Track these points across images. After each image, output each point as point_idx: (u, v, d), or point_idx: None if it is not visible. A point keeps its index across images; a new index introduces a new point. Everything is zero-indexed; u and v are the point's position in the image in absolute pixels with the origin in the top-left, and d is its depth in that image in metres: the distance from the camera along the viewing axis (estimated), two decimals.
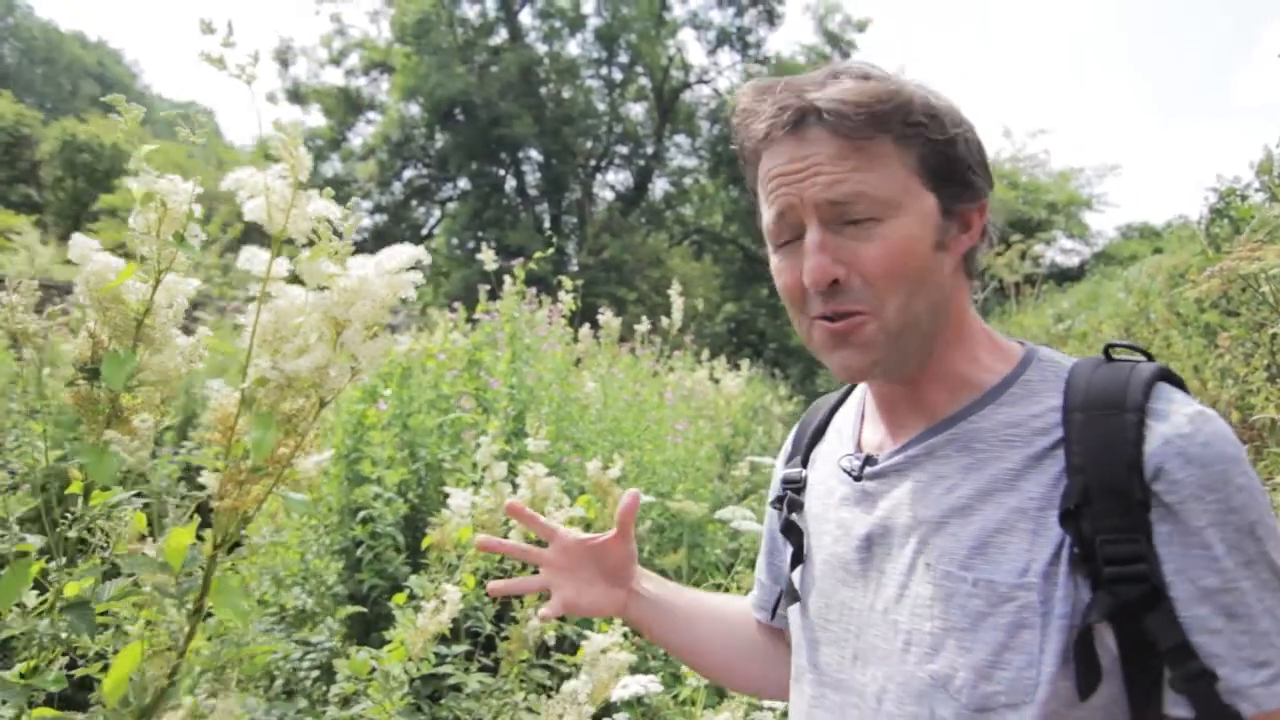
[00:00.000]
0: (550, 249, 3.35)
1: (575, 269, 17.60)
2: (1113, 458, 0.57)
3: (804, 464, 0.82)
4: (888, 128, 0.62)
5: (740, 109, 0.67)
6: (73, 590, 0.74)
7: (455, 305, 3.78)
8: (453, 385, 3.21)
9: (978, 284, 0.74)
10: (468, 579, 1.87)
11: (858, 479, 0.71)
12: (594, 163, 22.28)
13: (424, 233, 22.34)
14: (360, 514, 2.57)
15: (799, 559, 0.78)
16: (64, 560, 0.74)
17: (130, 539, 0.83)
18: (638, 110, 22.73)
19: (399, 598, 1.86)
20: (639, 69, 21.85)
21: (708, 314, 15.27)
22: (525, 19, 21.46)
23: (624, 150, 22.79)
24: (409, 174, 21.63)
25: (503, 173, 21.27)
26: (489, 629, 1.97)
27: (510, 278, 3.58)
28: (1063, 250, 18.36)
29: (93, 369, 0.71)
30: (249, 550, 2.20)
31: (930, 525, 0.64)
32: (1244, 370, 2.33)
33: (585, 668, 1.37)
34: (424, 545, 1.95)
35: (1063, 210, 17.74)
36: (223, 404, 0.69)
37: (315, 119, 21.85)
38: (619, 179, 23.41)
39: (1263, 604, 0.55)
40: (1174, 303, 3.42)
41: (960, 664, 0.60)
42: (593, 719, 1.53)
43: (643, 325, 4.89)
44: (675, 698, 1.92)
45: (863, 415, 0.77)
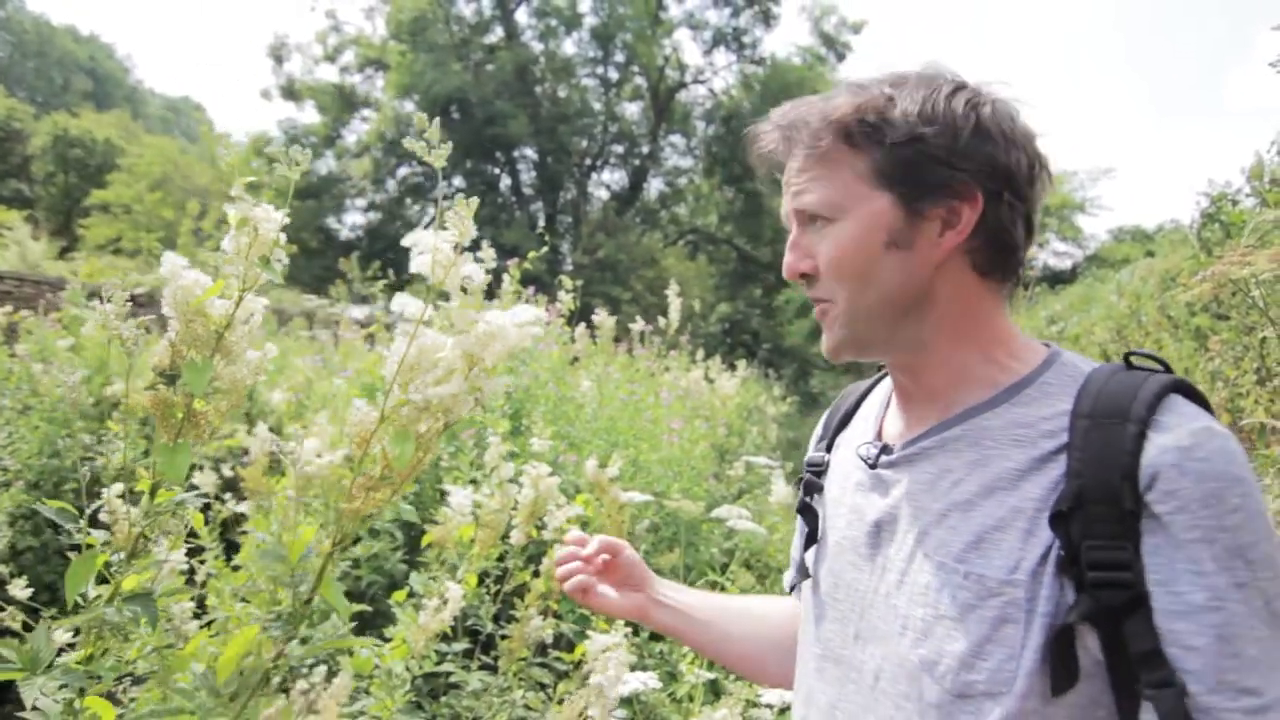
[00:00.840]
0: (546, 248, 3.37)
1: (570, 268, 17.61)
2: (1109, 466, 0.58)
3: (828, 448, 0.86)
4: (841, 138, 0.68)
5: (754, 134, 0.76)
6: (131, 583, 0.80)
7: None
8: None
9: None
10: (469, 578, 1.89)
11: (873, 466, 0.75)
12: (589, 162, 22.29)
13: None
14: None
15: (813, 539, 0.82)
16: (124, 555, 0.80)
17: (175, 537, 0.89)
18: (633, 110, 22.76)
19: (399, 595, 1.88)
20: (635, 68, 21.86)
21: (702, 314, 15.31)
22: (521, 17, 21.46)
23: (619, 150, 22.80)
24: (403, 172, 21.57)
25: (498, 171, 21.27)
26: (489, 627, 1.98)
27: (506, 277, 3.59)
28: (1055, 253, 18.49)
29: (171, 375, 0.78)
30: (250, 546, 2.20)
31: (933, 516, 0.67)
32: (1234, 373, 2.36)
33: (598, 665, 1.40)
34: (424, 543, 1.97)
35: (1055, 213, 17.85)
36: (363, 420, 0.79)
37: (309, 116, 21.82)
38: (614, 178, 23.45)
39: (1253, 632, 0.55)
40: (1165, 306, 3.45)
41: (946, 651, 0.62)
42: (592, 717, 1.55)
43: (638, 325, 4.91)
44: (672, 695, 1.94)
45: (887, 405, 0.80)
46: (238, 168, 0.80)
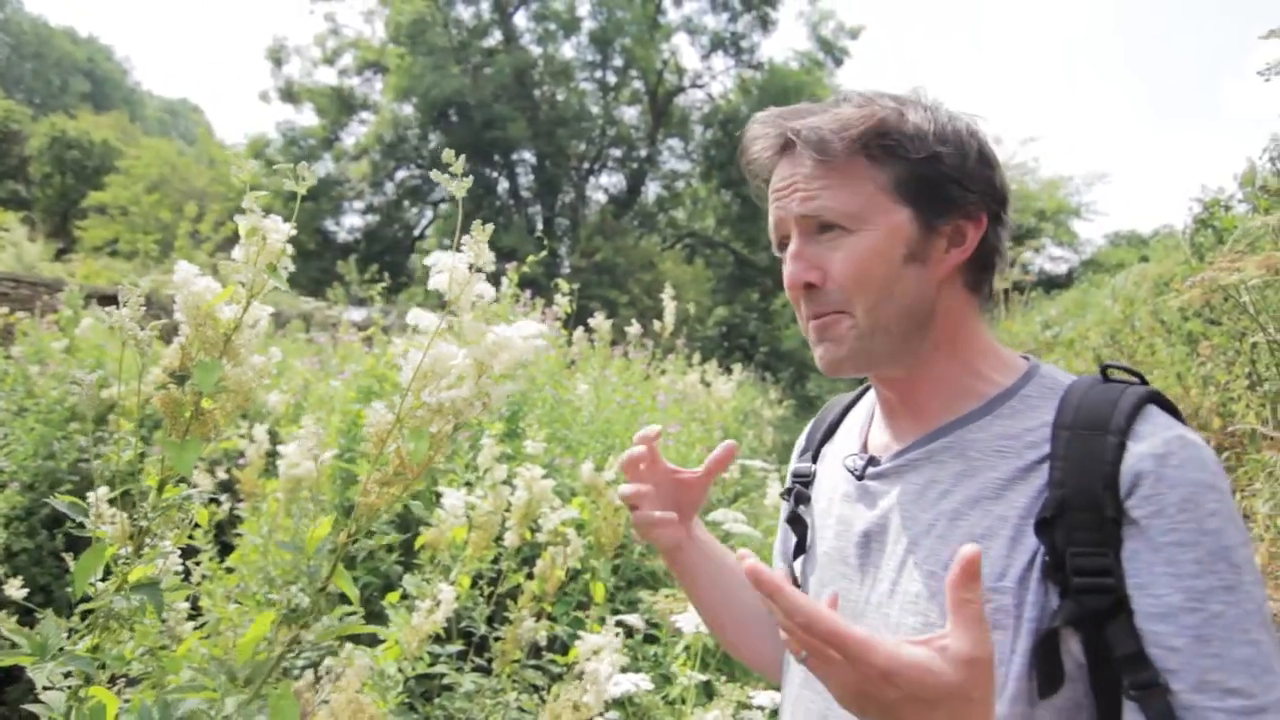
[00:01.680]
0: (545, 252, 3.38)
1: (568, 271, 17.62)
2: (1090, 475, 0.61)
3: (814, 459, 0.87)
4: (859, 149, 0.69)
5: (746, 135, 0.75)
6: (137, 574, 0.85)
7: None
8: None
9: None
10: (463, 580, 1.89)
11: (860, 478, 0.76)
12: (587, 165, 22.31)
13: (416, 234, 22.31)
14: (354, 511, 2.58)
15: (801, 549, 0.83)
16: (131, 549, 0.85)
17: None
18: (631, 114, 22.79)
19: (392, 596, 1.88)
20: (633, 73, 21.90)
21: (699, 318, 15.32)
22: (520, 21, 21.50)
23: (617, 153, 22.83)
24: (401, 175, 21.59)
25: (496, 175, 21.28)
26: (483, 629, 1.99)
27: (505, 280, 3.60)
28: (1051, 258, 18.53)
29: (181, 376, 0.83)
30: (245, 548, 2.21)
31: (922, 526, 0.68)
32: (1225, 378, 2.38)
33: (590, 657, 1.42)
34: (418, 545, 1.97)
35: (1051, 218, 17.90)
36: (380, 421, 0.85)
37: (308, 118, 21.83)
38: (612, 182, 23.47)
39: (1246, 635, 0.56)
40: (1158, 311, 3.47)
41: None
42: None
43: (635, 328, 4.92)
44: (665, 697, 1.94)
45: (872, 417, 0.81)
46: (249, 181, 0.84)
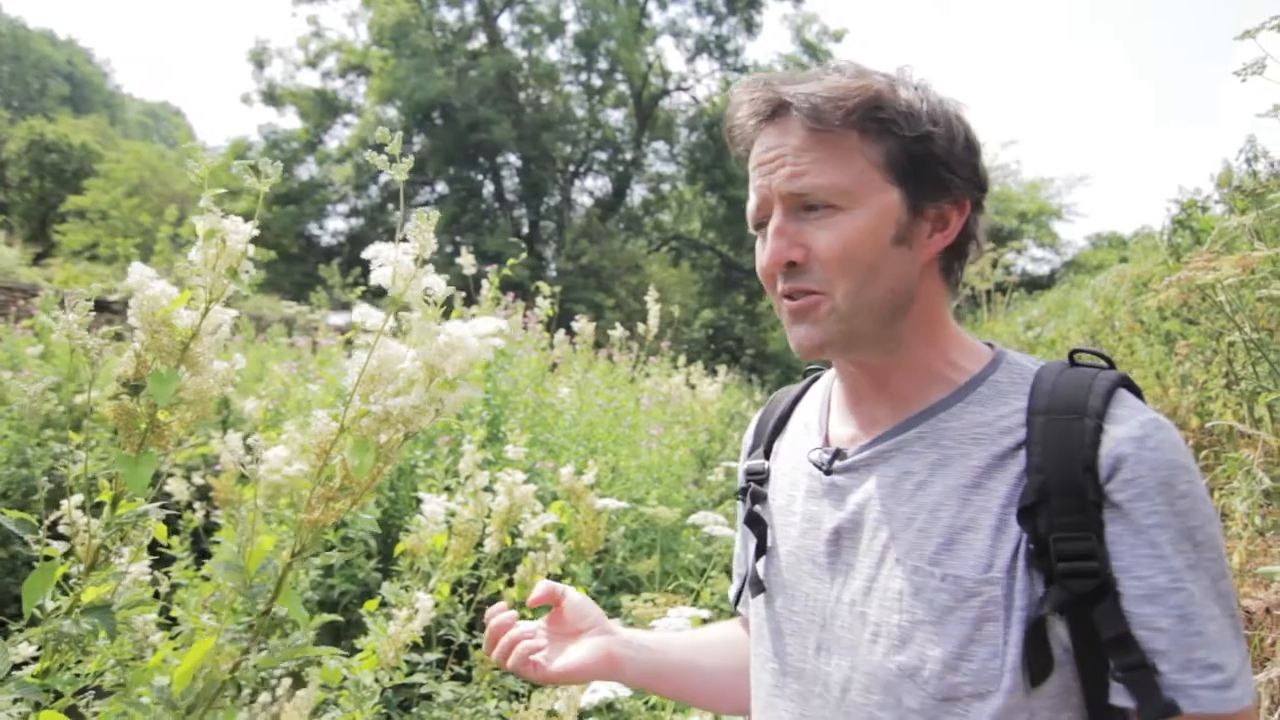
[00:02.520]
0: (524, 255, 3.36)
1: (553, 274, 17.59)
2: (1070, 459, 0.60)
3: (766, 455, 0.84)
4: (853, 122, 0.65)
5: (731, 99, 0.71)
6: (91, 595, 0.80)
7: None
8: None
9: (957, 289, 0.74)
10: (442, 587, 1.86)
11: (827, 473, 0.72)
12: (572, 168, 22.30)
13: (400, 237, 22.15)
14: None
15: (762, 550, 0.79)
16: (84, 567, 0.80)
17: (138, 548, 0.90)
18: (616, 116, 22.81)
19: (370, 605, 1.85)
20: (618, 75, 21.93)
21: (685, 320, 15.34)
22: (504, 24, 21.47)
23: (602, 156, 22.85)
24: (385, 177, 21.26)
25: (481, 177, 21.22)
26: (462, 637, 1.96)
27: (486, 283, 3.58)
28: (1033, 259, 18.70)
29: (135, 385, 0.78)
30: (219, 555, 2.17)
31: (900, 520, 0.66)
32: (1203, 377, 2.39)
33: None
34: (397, 552, 1.94)
35: (1033, 219, 18.06)
36: (322, 431, 0.80)
37: (291, 121, 21.69)
38: (597, 185, 23.48)
39: (1207, 610, 0.57)
40: (1137, 311, 3.50)
41: (929, 656, 0.62)
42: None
43: (618, 331, 4.90)
44: (645, 703, 1.93)
45: (828, 407, 0.78)
46: (207, 179, 0.80)
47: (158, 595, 1.95)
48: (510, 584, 1.96)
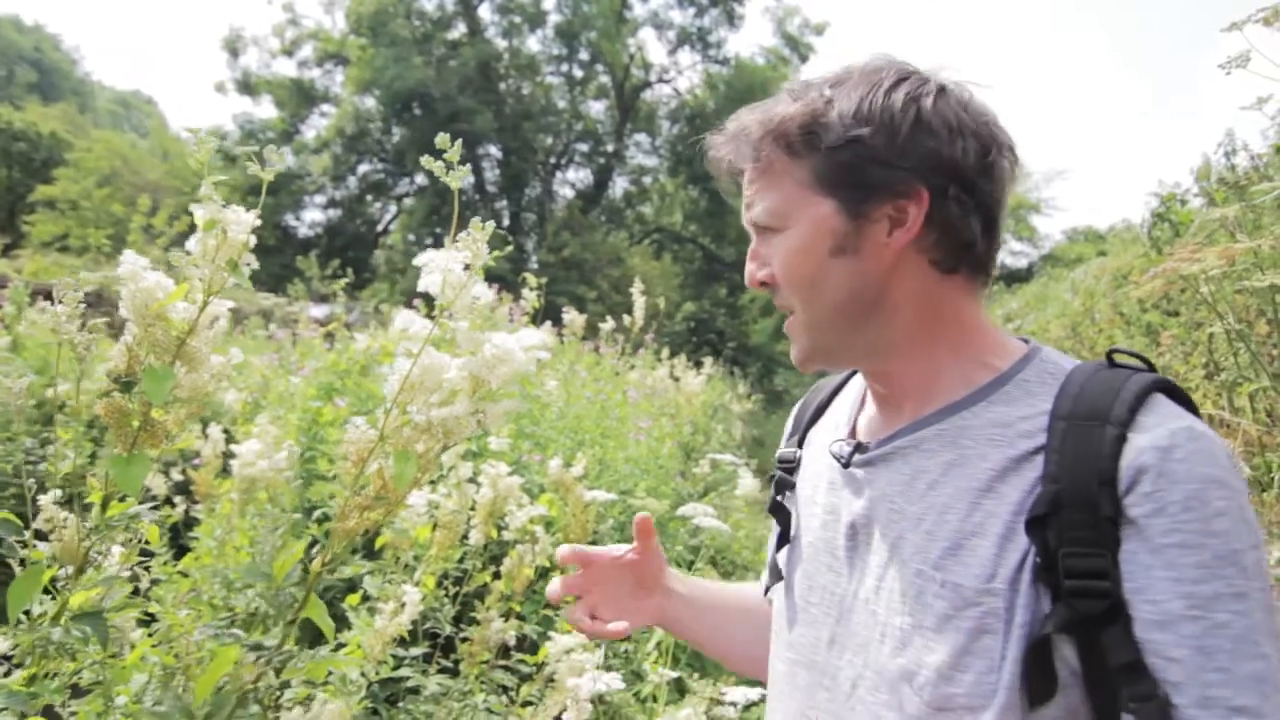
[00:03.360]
0: (509, 247, 3.32)
1: (535, 267, 17.49)
2: (1086, 469, 0.56)
3: (800, 444, 0.83)
4: (778, 147, 0.67)
5: (708, 151, 0.74)
6: (79, 600, 0.77)
7: (415, 302, 3.73)
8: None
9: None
10: (428, 580, 1.84)
11: (846, 465, 0.72)
12: (554, 160, 22.19)
13: (379, 228, 21.96)
14: (315, 512, 2.51)
15: (785, 539, 0.79)
16: (72, 570, 0.77)
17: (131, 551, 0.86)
18: (598, 108, 22.72)
19: (352, 599, 1.82)
20: (599, 67, 21.82)
21: (668, 313, 15.35)
22: (484, 13, 21.26)
23: (584, 148, 22.74)
24: (364, 168, 21.24)
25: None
26: (449, 630, 1.94)
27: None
28: (1012, 252, 18.93)
29: (127, 382, 0.75)
30: (200, 552, 2.13)
31: (909, 520, 0.64)
32: (1183, 368, 2.42)
33: (562, 658, 1.39)
34: (379, 545, 1.92)
35: (1012, 213, 18.27)
36: (360, 439, 0.79)
37: (266, 110, 21.38)
38: (579, 177, 23.38)
39: (1256, 648, 0.51)
40: (1118, 303, 3.54)
41: (925, 662, 0.60)
42: (555, 719, 1.52)
43: (607, 324, 4.89)
44: (637, 694, 1.92)
45: (863, 400, 0.77)
46: (206, 166, 0.77)
47: (136, 591, 1.91)
48: (497, 576, 1.94)
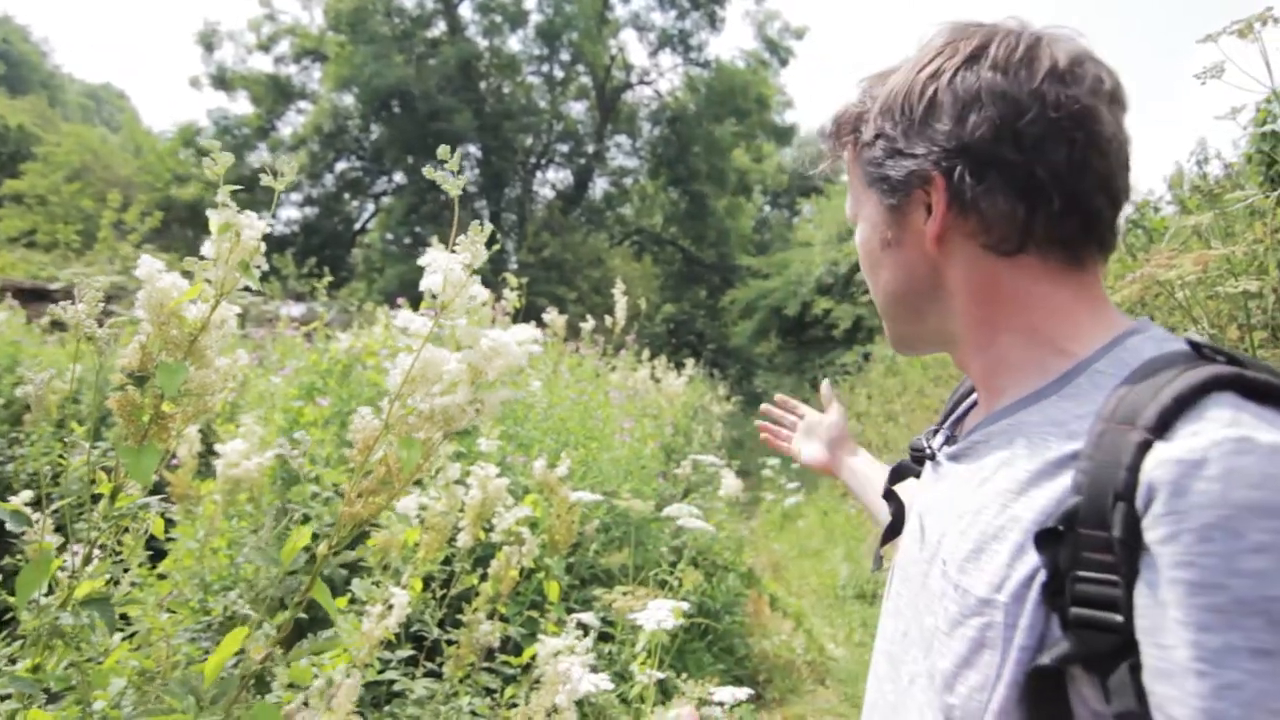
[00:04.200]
0: (496, 247, 3.30)
1: (515, 267, 17.42)
2: (1105, 481, 0.49)
3: (935, 434, 0.79)
4: (844, 144, 0.70)
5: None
6: (85, 589, 0.80)
7: (398, 301, 3.70)
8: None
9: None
10: (414, 583, 1.83)
11: (932, 458, 0.71)
12: (534, 160, 22.10)
13: (357, 227, 21.74)
14: (287, 516, 2.48)
15: (895, 528, 0.78)
16: (79, 561, 0.81)
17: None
18: (579, 109, 22.67)
19: (340, 602, 1.81)
20: (580, 67, 21.78)
21: (648, 314, 15.37)
22: (465, 12, 21.12)
23: (564, 148, 22.68)
24: (341, 166, 21.01)
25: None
26: (435, 633, 1.93)
27: None
28: None
29: (140, 377, 0.79)
30: (179, 553, 2.10)
31: (953, 517, 0.61)
32: None
33: (550, 660, 1.40)
34: (367, 546, 1.90)
35: None
36: (366, 428, 0.85)
37: (242, 106, 21.06)
38: (559, 177, 23.32)
39: (1271, 717, 0.42)
40: None
41: (938, 667, 0.57)
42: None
43: (589, 324, 4.88)
44: (623, 696, 1.92)
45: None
46: (223, 176, 0.80)
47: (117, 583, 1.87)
48: (484, 578, 1.93)
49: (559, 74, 21.92)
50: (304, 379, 3.05)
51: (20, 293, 6.45)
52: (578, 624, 1.63)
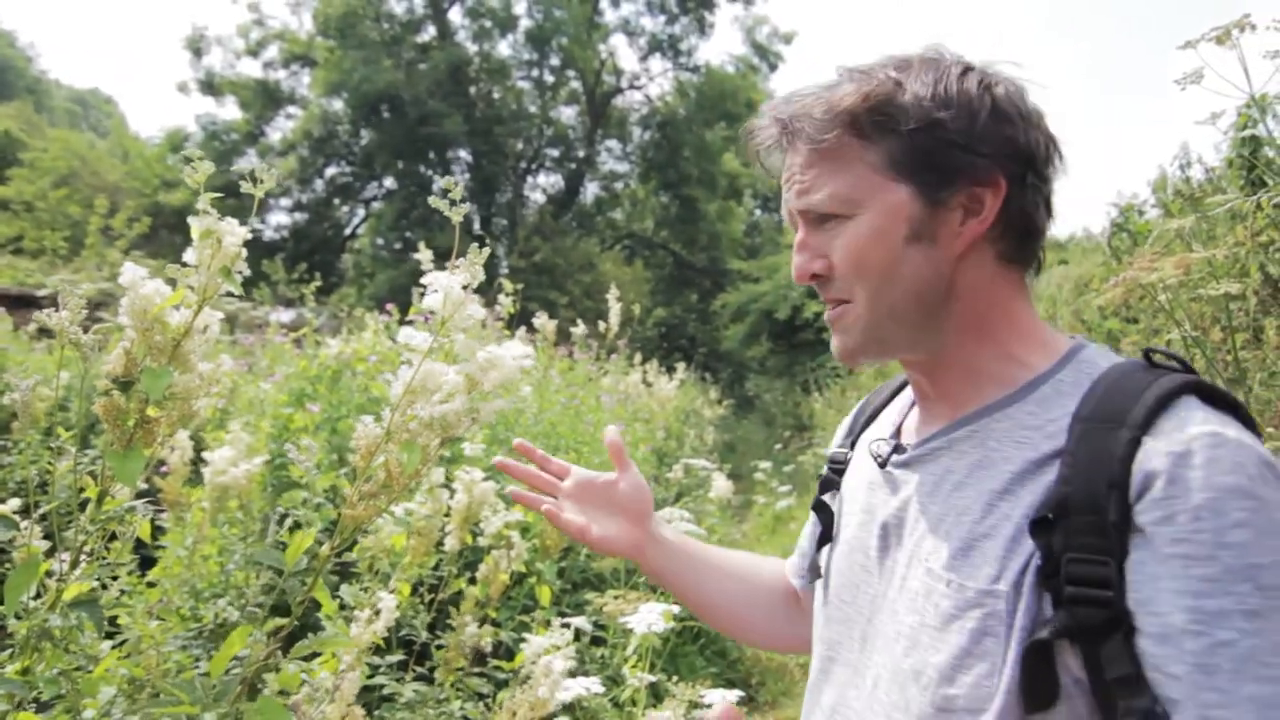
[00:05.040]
0: (488, 253, 3.31)
1: (506, 272, 17.41)
2: (1097, 473, 0.55)
3: (852, 445, 0.83)
4: (847, 130, 0.64)
5: (748, 132, 0.72)
6: (73, 592, 0.82)
7: (388, 307, 3.69)
8: (384, 388, 3.14)
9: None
10: (403, 588, 1.83)
11: (882, 465, 0.72)
12: (524, 165, 22.11)
13: (347, 232, 21.68)
14: (287, 520, 2.47)
15: (827, 537, 0.80)
16: (67, 564, 0.82)
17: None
18: (569, 113, 22.71)
19: (329, 608, 1.80)
20: (570, 72, 21.83)
21: (639, 318, 15.39)
22: (454, 17, 21.15)
23: (555, 153, 22.72)
24: (331, 171, 20.96)
25: (431, 172, 20.86)
26: (424, 637, 1.93)
27: None
28: None
29: (125, 382, 0.80)
30: (169, 561, 2.09)
31: (932, 520, 0.64)
32: None
33: (536, 659, 1.41)
34: (355, 552, 1.90)
35: None
36: (368, 435, 0.88)
37: (230, 112, 20.97)
38: (550, 182, 23.34)
39: (1264, 669, 0.48)
40: (1079, 311, 3.63)
41: (929, 663, 0.60)
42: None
43: (580, 329, 4.89)
44: (614, 700, 1.92)
45: (912, 403, 0.77)
46: (204, 184, 0.82)
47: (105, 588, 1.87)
48: (473, 581, 1.93)
49: (549, 79, 21.96)
50: (294, 385, 3.05)
51: (7, 299, 6.41)
52: (563, 625, 1.63)
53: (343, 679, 1.29)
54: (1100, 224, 3.35)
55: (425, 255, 3.82)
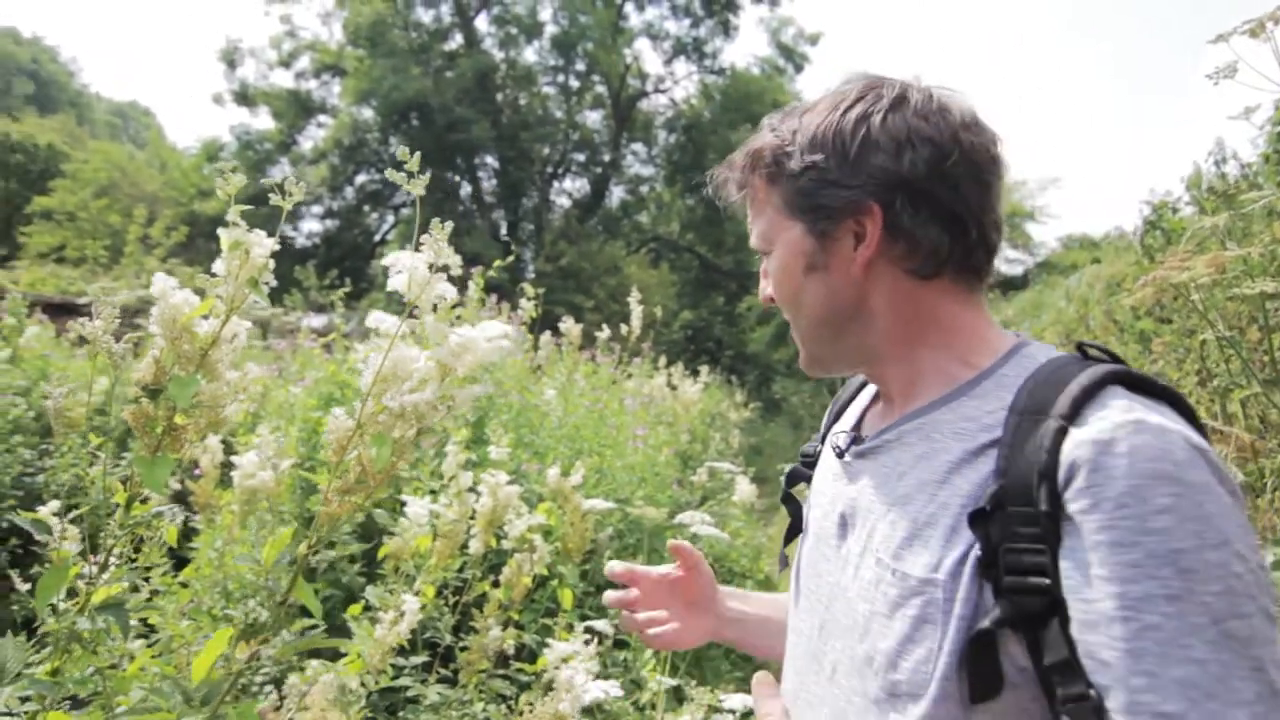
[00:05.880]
0: (512, 257, 3.35)
1: (532, 276, 17.52)
2: (1028, 464, 0.56)
3: (822, 440, 0.87)
4: (762, 175, 0.73)
5: (712, 180, 0.80)
6: (101, 595, 0.83)
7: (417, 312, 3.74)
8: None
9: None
10: (428, 589, 1.85)
11: (841, 456, 0.76)
12: (551, 170, 22.25)
13: (377, 239, 21.99)
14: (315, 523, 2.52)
15: (796, 529, 0.84)
16: (97, 567, 0.84)
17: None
18: (594, 118, 22.79)
19: (354, 609, 1.83)
20: (595, 77, 21.91)
21: (665, 321, 15.40)
22: (481, 25, 21.36)
23: (581, 158, 22.82)
24: (361, 179, 21.27)
25: (458, 178, 21.08)
26: (448, 639, 1.95)
27: (471, 284, 3.56)
28: (1007, 260, 18.95)
29: (154, 390, 0.81)
30: (200, 562, 2.14)
31: (880, 511, 0.67)
32: (1176, 375, 2.44)
33: (559, 665, 1.41)
34: (381, 555, 1.93)
35: (1007, 221, 18.31)
36: (340, 428, 0.86)
37: (264, 121, 21.40)
38: (576, 186, 23.44)
39: (1186, 651, 0.49)
40: (1112, 310, 3.56)
41: (879, 648, 0.62)
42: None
43: (603, 333, 4.91)
44: (635, 703, 1.93)
45: (874, 398, 0.81)
46: (234, 196, 0.83)
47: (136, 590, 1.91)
48: (496, 584, 1.95)
49: (574, 84, 22.08)
50: (323, 389, 3.10)
51: (50, 307, 6.60)
52: (585, 629, 1.64)
53: (314, 686, 1.29)
54: (1134, 222, 3.28)
55: (453, 261, 3.89)
